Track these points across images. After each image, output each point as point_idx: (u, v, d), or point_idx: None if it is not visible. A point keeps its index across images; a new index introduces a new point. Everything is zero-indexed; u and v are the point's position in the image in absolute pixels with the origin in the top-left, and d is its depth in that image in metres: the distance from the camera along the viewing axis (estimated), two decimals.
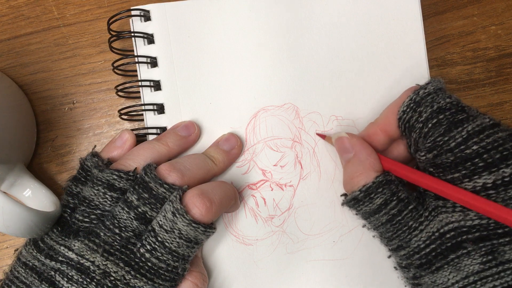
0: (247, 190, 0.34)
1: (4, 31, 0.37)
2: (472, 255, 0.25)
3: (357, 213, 0.30)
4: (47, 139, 0.37)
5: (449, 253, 0.26)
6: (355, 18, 0.34)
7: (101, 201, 0.29)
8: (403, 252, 0.28)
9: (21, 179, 0.33)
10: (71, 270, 0.27)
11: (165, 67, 0.34)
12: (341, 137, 0.31)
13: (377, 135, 0.30)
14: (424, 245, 0.27)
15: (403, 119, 0.29)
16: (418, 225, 0.27)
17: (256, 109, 0.34)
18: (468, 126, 0.26)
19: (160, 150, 0.32)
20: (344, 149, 0.30)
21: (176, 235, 0.27)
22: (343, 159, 0.31)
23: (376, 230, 0.30)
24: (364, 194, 0.28)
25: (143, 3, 0.35)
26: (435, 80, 0.28)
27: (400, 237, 0.28)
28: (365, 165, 0.29)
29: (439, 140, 0.26)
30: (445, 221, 0.26)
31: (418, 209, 0.27)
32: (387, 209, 0.27)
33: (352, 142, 0.30)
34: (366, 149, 0.29)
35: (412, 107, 0.28)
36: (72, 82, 0.37)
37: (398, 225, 0.27)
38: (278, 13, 0.34)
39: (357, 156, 0.29)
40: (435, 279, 0.26)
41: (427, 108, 0.27)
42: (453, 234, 0.26)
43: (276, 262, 0.33)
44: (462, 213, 0.26)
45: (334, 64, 0.34)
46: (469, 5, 0.37)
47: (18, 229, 0.27)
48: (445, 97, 0.27)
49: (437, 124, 0.27)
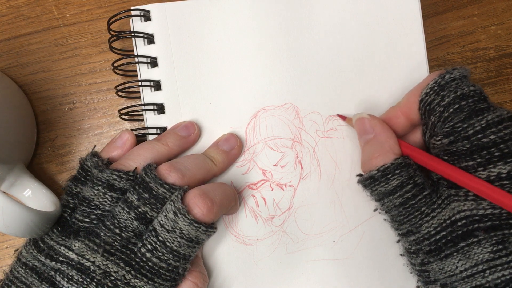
0: (247, 190, 0.34)
1: (4, 31, 0.37)
2: (483, 243, 0.25)
3: (371, 193, 0.30)
4: (47, 139, 0.36)
5: (459, 240, 0.26)
6: (355, 18, 0.34)
7: (101, 201, 0.29)
8: (413, 238, 0.28)
9: (21, 179, 0.33)
10: (72, 270, 0.27)
11: (165, 67, 0.34)
12: (362, 117, 0.31)
13: (398, 118, 0.30)
14: (434, 232, 0.27)
15: (425, 101, 0.28)
16: (431, 211, 0.27)
17: (256, 109, 0.34)
18: (488, 116, 0.26)
19: (160, 150, 0.32)
20: (364, 129, 0.30)
21: (177, 235, 0.27)
22: (362, 140, 0.30)
23: (388, 213, 0.29)
24: (382, 174, 0.28)
25: (143, 3, 0.35)
26: (462, 67, 0.28)
27: (411, 221, 0.28)
28: (384, 146, 0.28)
29: (458, 126, 0.26)
30: (457, 209, 0.26)
31: (432, 196, 0.27)
32: (402, 191, 0.27)
33: (372, 123, 0.30)
34: (386, 131, 0.29)
35: (435, 90, 0.28)
36: (72, 82, 0.37)
37: (410, 209, 0.27)
38: (278, 13, 0.34)
39: (377, 137, 0.29)
40: (443, 266, 0.26)
41: (450, 93, 0.27)
42: (464, 222, 0.26)
43: (276, 262, 0.33)
44: (474, 202, 0.26)
45: (334, 64, 0.34)
46: (469, 5, 0.37)
47: (18, 229, 0.27)
48: (469, 84, 0.27)
49: (458, 110, 0.27)
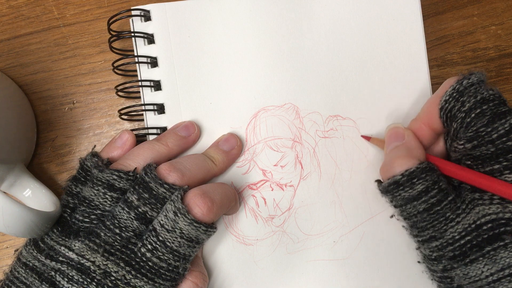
0: (247, 190, 0.34)
1: (4, 31, 0.37)
2: (510, 247, 0.25)
3: (392, 199, 0.29)
4: (47, 139, 0.36)
5: (485, 245, 0.25)
6: (355, 18, 0.34)
7: (101, 201, 0.29)
8: (435, 244, 0.27)
9: (21, 179, 0.33)
10: (72, 270, 0.27)
11: (165, 67, 0.34)
12: (397, 126, 0.31)
13: (421, 130, 0.30)
14: (459, 237, 0.26)
15: (445, 108, 0.28)
16: (455, 216, 0.27)
17: (256, 109, 0.34)
18: (511, 119, 0.26)
19: (160, 150, 0.32)
20: (397, 135, 0.30)
21: (177, 235, 0.27)
22: (391, 146, 0.30)
23: (408, 219, 0.29)
24: (407, 178, 0.27)
25: (143, 3, 0.35)
26: (478, 72, 0.28)
27: (436, 227, 0.27)
28: (411, 151, 0.28)
29: (481, 131, 0.26)
30: (482, 213, 0.26)
31: (457, 201, 0.27)
32: (427, 197, 0.27)
33: (406, 131, 0.30)
34: (417, 141, 0.29)
35: (454, 97, 0.28)
36: (72, 82, 0.37)
37: (435, 215, 0.27)
38: (278, 13, 0.34)
39: (406, 144, 0.29)
40: (467, 271, 0.26)
41: (470, 98, 0.27)
42: (490, 226, 0.25)
43: (277, 262, 0.33)
44: (500, 205, 0.26)
45: (334, 63, 0.34)
46: (469, 5, 0.37)
47: (18, 229, 0.27)
48: (488, 88, 0.27)
49: (480, 115, 0.27)
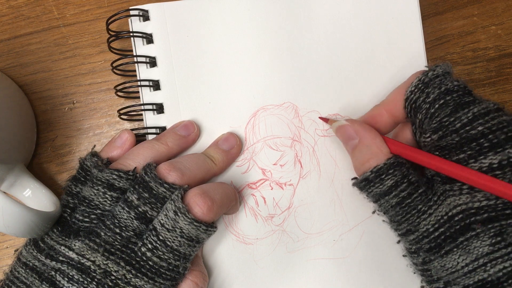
0: (247, 189, 0.34)
1: (4, 31, 0.37)
2: (481, 236, 0.25)
3: (367, 195, 0.30)
4: (47, 139, 0.37)
5: (458, 235, 0.26)
6: (354, 17, 0.34)
7: (101, 201, 0.29)
8: (412, 237, 0.28)
9: (21, 179, 0.33)
10: (72, 270, 0.27)
11: (164, 66, 0.34)
12: (342, 125, 0.30)
13: (381, 116, 0.30)
14: (433, 229, 0.27)
15: (410, 99, 0.29)
16: (427, 208, 0.27)
17: (256, 108, 0.34)
18: (474, 108, 0.26)
19: (159, 149, 0.32)
20: (348, 136, 0.30)
21: (177, 234, 0.27)
22: (349, 146, 0.30)
23: (386, 214, 0.29)
24: (375, 175, 0.28)
25: (142, 3, 0.35)
26: (444, 63, 0.29)
27: (409, 220, 0.27)
28: (372, 148, 0.28)
29: (445, 121, 0.27)
30: (453, 204, 0.26)
31: (428, 193, 0.27)
32: (397, 191, 0.27)
33: (354, 128, 0.30)
34: (370, 132, 0.29)
35: (420, 88, 0.28)
36: (72, 82, 0.37)
37: (407, 208, 0.27)
38: (278, 12, 0.34)
39: (362, 141, 0.29)
40: (444, 263, 0.26)
41: (434, 89, 0.28)
42: (461, 216, 0.26)
43: (276, 261, 0.33)
44: (469, 195, 0.26)
45: (334, 63, 0.34)
46: (469, 5, 0.37)
47: (18, 229, 0.27)
48: (453, 80, 0.28)
49: (443, 105, 0.27)
